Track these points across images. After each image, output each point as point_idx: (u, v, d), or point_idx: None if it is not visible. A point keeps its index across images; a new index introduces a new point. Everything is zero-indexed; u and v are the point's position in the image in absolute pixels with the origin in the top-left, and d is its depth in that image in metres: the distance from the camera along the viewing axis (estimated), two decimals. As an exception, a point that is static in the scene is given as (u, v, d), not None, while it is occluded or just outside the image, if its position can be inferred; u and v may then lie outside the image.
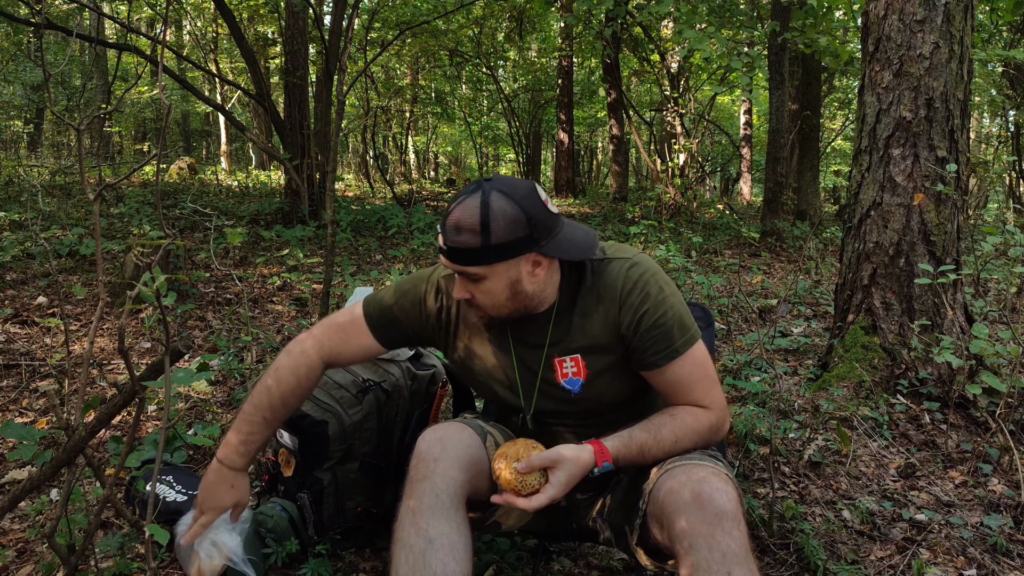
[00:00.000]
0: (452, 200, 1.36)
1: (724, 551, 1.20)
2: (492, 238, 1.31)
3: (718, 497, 1.24)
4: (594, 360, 1.45)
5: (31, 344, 3.42)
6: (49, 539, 1.42)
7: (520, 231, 1.32)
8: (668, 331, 1.39)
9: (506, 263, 1.34)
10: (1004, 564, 1.92)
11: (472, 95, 16.24)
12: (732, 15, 7.32)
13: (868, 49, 3.06)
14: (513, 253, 1.33)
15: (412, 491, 1.36)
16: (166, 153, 13.11)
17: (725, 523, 1.22)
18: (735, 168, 13.93)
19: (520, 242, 1.33)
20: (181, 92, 16.56)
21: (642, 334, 1.39)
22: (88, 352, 1.53)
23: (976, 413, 2.74)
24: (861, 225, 3.07)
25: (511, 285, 1.36)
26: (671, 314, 1.40)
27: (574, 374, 1.46)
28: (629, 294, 1.41)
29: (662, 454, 1.38)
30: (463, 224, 1.31)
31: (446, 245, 1.34)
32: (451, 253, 1.34)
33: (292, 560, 1.80)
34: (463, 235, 1.31)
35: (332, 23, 7.16)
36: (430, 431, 1.44)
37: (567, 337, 1.45)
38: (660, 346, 1.39)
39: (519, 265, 1.36)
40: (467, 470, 1.39)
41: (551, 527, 1.61)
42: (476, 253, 1.32)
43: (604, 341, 1.43)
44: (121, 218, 6.76)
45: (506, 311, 1.40)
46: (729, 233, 8.41)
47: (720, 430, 1.44)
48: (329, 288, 3.44)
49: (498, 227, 1.31)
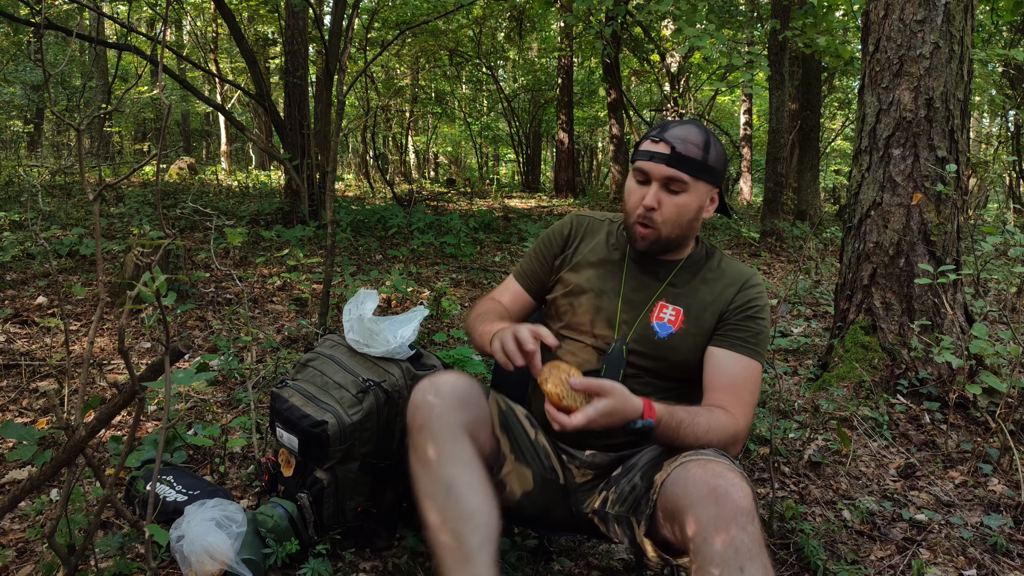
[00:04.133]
0: (659, 125, 1.56)
1: (738, 546, 1.20)
2: (710, 159, 1.50)
3: (734, 492, 1.24)
4: (692, 322, 1.56)
5: (31, 344, 3.42)
6: (49, 539, 1.42)
7: (722, 166, 1.53)
8: (758, 331, 1.54)
9: (706, 186, 1.52)
10: (1004, 564, 1.92)
11: (472, 95, 16.25)
12: (732, 14, 7.32)
13: (868, 49, 3.06)
14: (714, 180, 1.53)
15: (414, 442, 1.43)
16: (166, 153, 13.11)
17: (740, 518, 1.22)
18: (735, 168, 13.94)
19: (719, 175, 1.53)
20: (181, 92, 16.57)
21: (741, 317, 1.53)
22: (88, 352, 1.53)
23: (976, 413, 2.74)
24: (861, 225, 3.07)
25: (698, 208, 1.53)
26: (766, 326, 1.56)
27: (669, 321, 1.57)
28: (751, 286, 1.57)
29: (691, 439, 1.40)
30: (690, 138, 1.49)
31: (671, 151, 1.48)
32: (675, 158, 1.48)
33: (292, 560, 1.80)
34: (689, 146, 1.48)
35: (332, 23, 7.16)
36: (424, 380, 1.48)
37: (681, 291, 1.59)
38: (745, 335, 1.52)
39: (708, 195, 1.54)
40: (463, 409, 1.44)
41: (548, 508, 1.59)
42: (696, 165, 1.48)
43: (708, 311, 1.56)
44: (121, 218, 6.76)
45: (678, 231, 1.54)
46: (729, 233, 8.41)
47: (738, 443, 1.48)
48: (329, 288, 3.44)
49: (715, 152, 1.51)
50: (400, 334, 1.95)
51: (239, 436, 2.38)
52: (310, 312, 4.18)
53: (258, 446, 2.35)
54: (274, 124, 7.22)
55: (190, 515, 1.71)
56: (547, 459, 1.60)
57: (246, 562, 1.69)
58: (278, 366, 3.04)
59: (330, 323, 3.59)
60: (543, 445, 1.61)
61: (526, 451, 1.57)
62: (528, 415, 1.65)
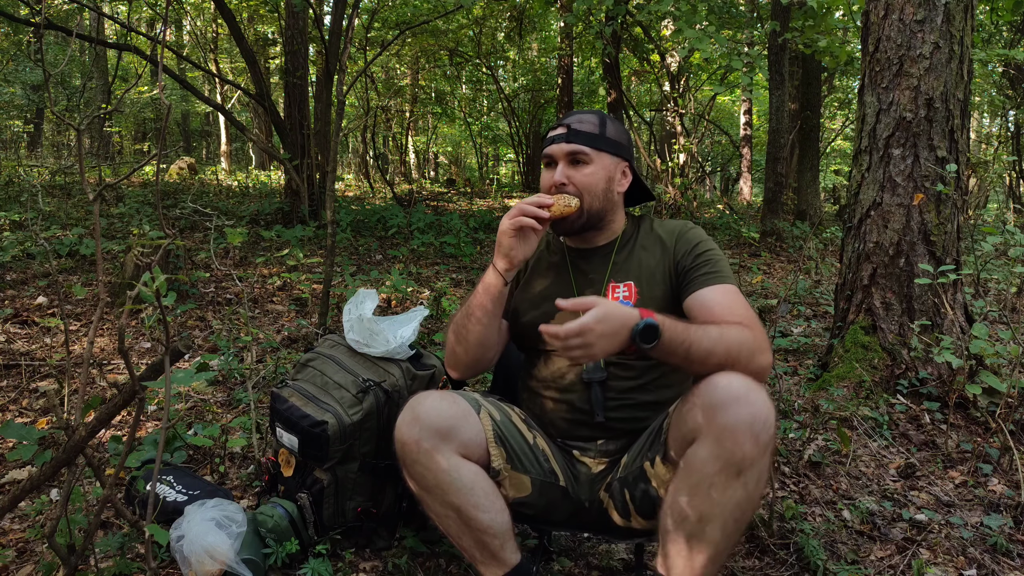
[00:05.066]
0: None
1: (753, 426, 1.24)
2: (607, 132, 1.61)
3: (754, 396, 1.26)
4: (645, 288, 1.59)
5: (31, 344, 3.42)
6: (49, 539, 1.42)
7: (625, 141, 1.64)
8: (715, 260, 1.56)
9: (610, 157, 1.61)
10: (1004, 564, 1.92)
11: (472, 95, 16.23)
12: (732, 15, 7.32)
13: (868, 49, 3.06)
14: (618, 151, 1.62)
15: (409, 474, 1.47)
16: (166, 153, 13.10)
17: (758, 423, 1.25)
18: (735, 168, 13.93)
19: (624, 149, 1.64)
20: (181, 92, 16.56)
21: (692, 259, 1.57)
22: (88, 352, 1.53)
23: (976, 413, 2.74)
24: (861, 225, 3.07)
25: (607, 179, 1.61)
26: (719, 254, 1.59)
27: (625, 297, 1.60)
28: (687, 231, 1.63)
29: (705, 343, 1.35)
30: (585, 118, 1.62)
31: (567, 129, 1.59)
32: (571, 133, 1.59)
33: (292, 560, 1.79)
34: (584, 123, 1.60)
35: (332, 23, 7.16)
36: (405, 410, 1.48)
37: (625, 267, 1.64)
38: (706, 269, 1.55)
39: (617, 167, 1.63)
40: (450, 435, 1.45)
41: (548, 510, 1.60)
42: (593, 138, 1.59)
43: (657, 273, 1.60)
44: (121, 218, 6.76)
45: (596, 204, 1.60)
46: (729, 233, 8.41)
47: (760, 347, 1.40)
48: (329, 288, 3.44)
49: (613, 128, 1.62)
50: (400, 334, 1.95)
51: (239, 436, 2.38)
52: (310, 312, 4.18)
53: (258, 446, 2.34)
54: (274, 124, 7.23)
55: (190, 515, 1.70)
56: (546, 462, 1.59)
57: (246, 562, 1.69)
58: (278, 366, 3.04)
59: (330, 323, 3.59)
60: (542, 448, 1.61)
61: (524, 458, 1.57)
62: (526, 417, 1.64)
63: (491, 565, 1.50)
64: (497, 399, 1.64)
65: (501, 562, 1.50)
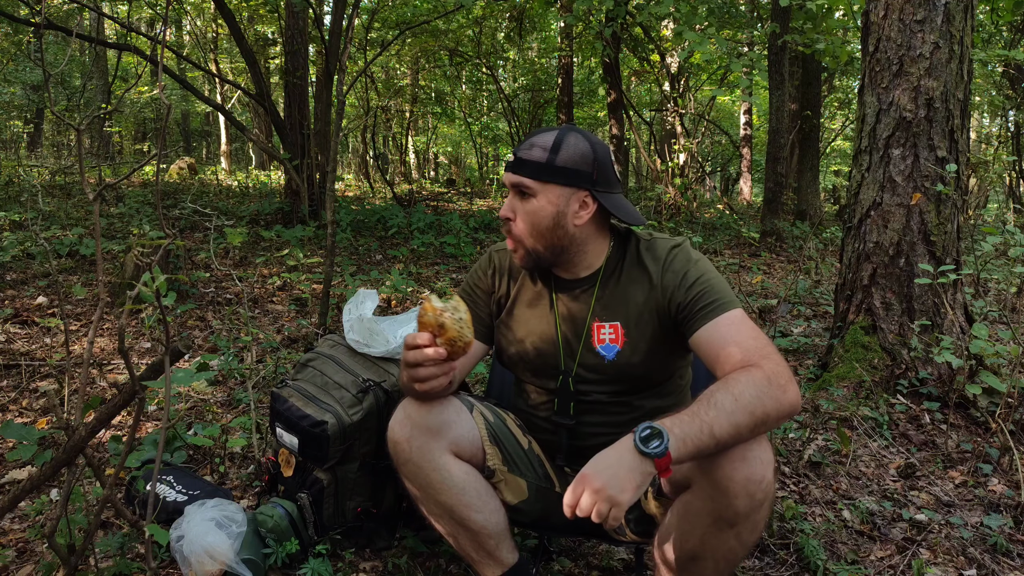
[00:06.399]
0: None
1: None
2: (558, 159, 1.39)
3: (752, 454, 1.22)
4: (633, 329, 1.45)
5: (31, 344, 3.41)
6: (49, 539, 1.42)
7: (584, 166, 1.40)
8: (711, 288, 1.38)
9: (560, 188, 1.40)
10: (1004, 564, 1.92)
11: (472, 95, 16.23)
12: (732, 16, 7.32)
13: (868, 49, 3.06)
14: (570, 181, 1.40)
15: (403, 474, 1.47)
16: (166, 153, 13.10)
17: (753, 482, 1.21)
18: (735, 168, 13.93)
19: (580, 176, 1.40)
20: (181, 92, 16.55)
21: (684, 293, 1.39)
22: (88, 352, 1.53)
23: (976, 413, 2.74)
24: (861, 225, 3.07)
25: (556, 215, 1.41)
26: (712, 276, 1.41)
27: (611, 340, 1.47)
28: (673, 260, 1.44)
29: (725, 418, 1.17)
30: (537, 142, 1.42)
31: (515, 157, 1.42)
32: (516, 163, 1.42)
33: (292, 560, 1.79)
34: (534, 150, 1.41)
35: (332, 23, 7.15)
36: (397, 411, 1.46)
37: (611, 304, 1.48)
38: (705, 300, 1.37)
39: (570, 199, 1.41)
40: (441, 432, 1.44)
41: (546, 514, 1.60)
42: (538, 168, 1.40)
43: (646, 309, 1.44)
44: (121, 218, 6.76)
45: (542, 244, 1.43)
46: (729, 233, 8.41)
47: (778, 384, 1.23)
48: (329, 288, 3.44)
49: (567, 153, 1.40)
50: (400, 334, 1.95)
51: (239, 436, 2.38)
52: (310, 312, 4.18)
53: (258, 446, 2.34)
54: (274, 124, 7.23)
55: (190, 515, 1.70)
56: (540, 467, 1.59)
57: (246, 562, 1.69)
58: (278, 366, 3.04)
59: (330, 323, 3.59)
60: (537, 454, 1.60)
61: (520, 461, 1.56)
62: (520, 424, 1.63)
63: (488, 565, 1.50)
64: (493, 403, 1.64)
65: (498, 562, 1.50)
